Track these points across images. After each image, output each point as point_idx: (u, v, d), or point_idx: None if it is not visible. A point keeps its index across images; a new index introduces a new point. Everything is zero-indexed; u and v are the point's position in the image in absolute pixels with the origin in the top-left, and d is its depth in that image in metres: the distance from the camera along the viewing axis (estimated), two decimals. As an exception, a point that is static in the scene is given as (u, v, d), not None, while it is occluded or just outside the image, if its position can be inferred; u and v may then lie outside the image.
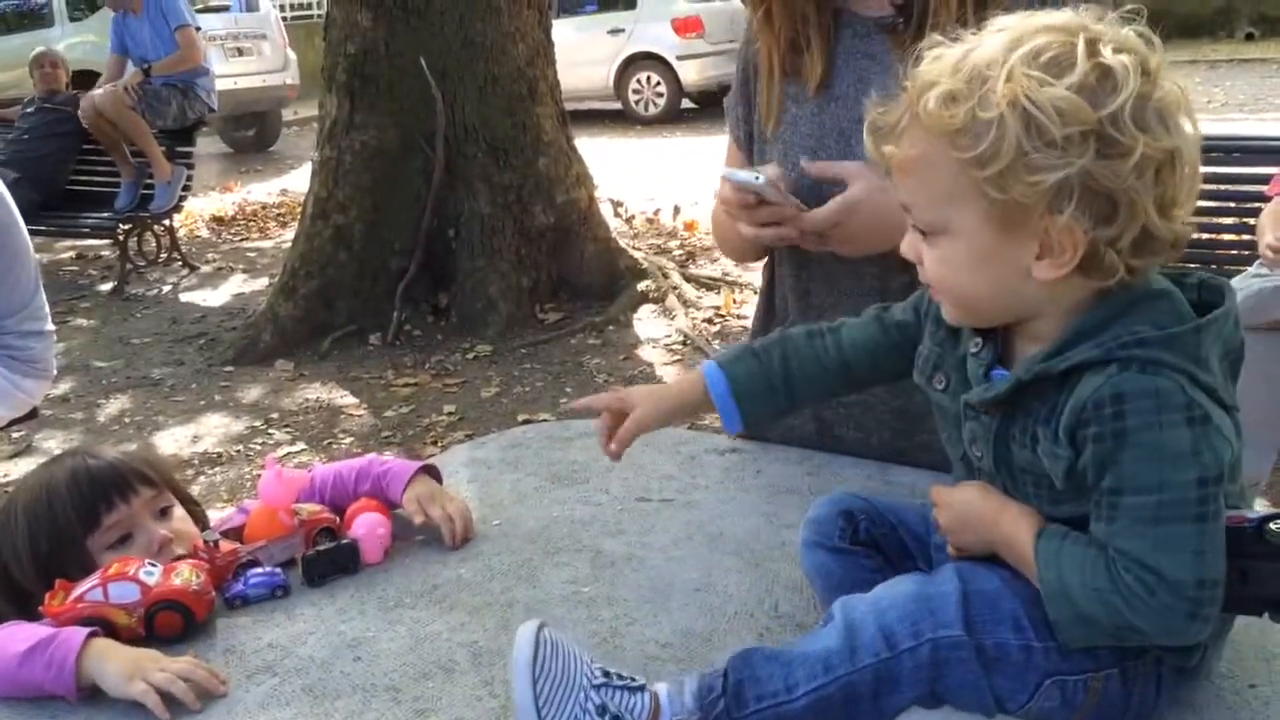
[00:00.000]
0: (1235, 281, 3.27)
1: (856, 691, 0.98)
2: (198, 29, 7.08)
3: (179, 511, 1.53)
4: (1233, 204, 3.88)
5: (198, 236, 8.32)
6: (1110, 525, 0.94)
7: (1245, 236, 3.64)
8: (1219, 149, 3.80)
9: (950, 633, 0.98)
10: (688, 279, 6.09)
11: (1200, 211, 3.84)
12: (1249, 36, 15.24)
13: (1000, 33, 0.96)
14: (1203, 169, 0.98)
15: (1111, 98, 0.90)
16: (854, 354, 1.26)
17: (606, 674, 1.03)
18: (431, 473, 1.60)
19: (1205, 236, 3.90)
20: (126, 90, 6.61)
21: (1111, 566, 0.93)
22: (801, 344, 1.28)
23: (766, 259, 1.72)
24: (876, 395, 1.59)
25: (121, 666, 1.20)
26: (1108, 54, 0.92)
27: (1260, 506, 1.04)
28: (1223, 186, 3.85)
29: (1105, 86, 0.91)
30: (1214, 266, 3.67)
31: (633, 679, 1.04)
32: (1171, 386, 0.92)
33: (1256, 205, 3.46)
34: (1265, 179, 3.53)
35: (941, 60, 0.97)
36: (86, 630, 1.23)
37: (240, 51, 11.28)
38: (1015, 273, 0.97)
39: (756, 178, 1.41)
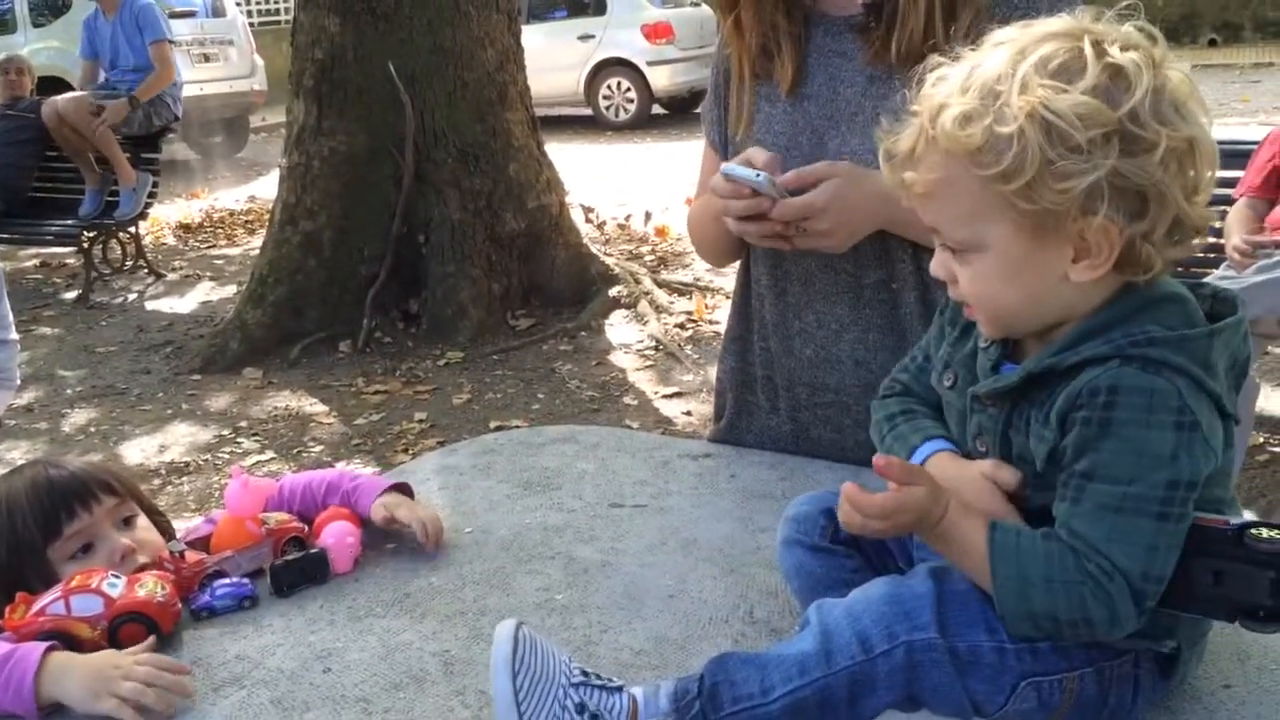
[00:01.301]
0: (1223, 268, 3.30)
1: (832, 695, 0.98)
2: (172, 42, 7.00)
3: (143, 521, 1.50)
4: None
5: (164, 244, 8.23)
6: (1073, 506, 0.96)
7: (1211, 239, 3.67)
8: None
9: (924, 635, 0.98)
10: (659, 284, 6.09)
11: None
12: (1211, 43, 15.44)
13: (1002, 46, 0.97)
14: None
15: (1127, 96, 0.91)
16: None
17: (585, 673, 1.03)
18: (403, 490, 1.57)
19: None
20: (95, 113, 6.50)
21: (1078, 557, 0.94)
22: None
23: (741, 261, 1.72)
24: (851, 395, 1.59)
25: (85, 682, 1.17)
26: (1116, 53, 0.93)
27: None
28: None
29: (1119, 85, 0.92)
30: (1180, 269, 3.69)
31: (610, 680, 1.03)
32: (1169, 389, 0.93)
33: (1222, 208, 3.50)
34: (1230, 182, 3.57)
35: (947, 80, 0.98)
36: (43, 646, 1.20)
37: (206, 57, 11.18)
38: (1051, 278, 0.98)
39: (756, 175, 1.41)
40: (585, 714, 0.98)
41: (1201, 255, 3.78)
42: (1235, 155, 3.72)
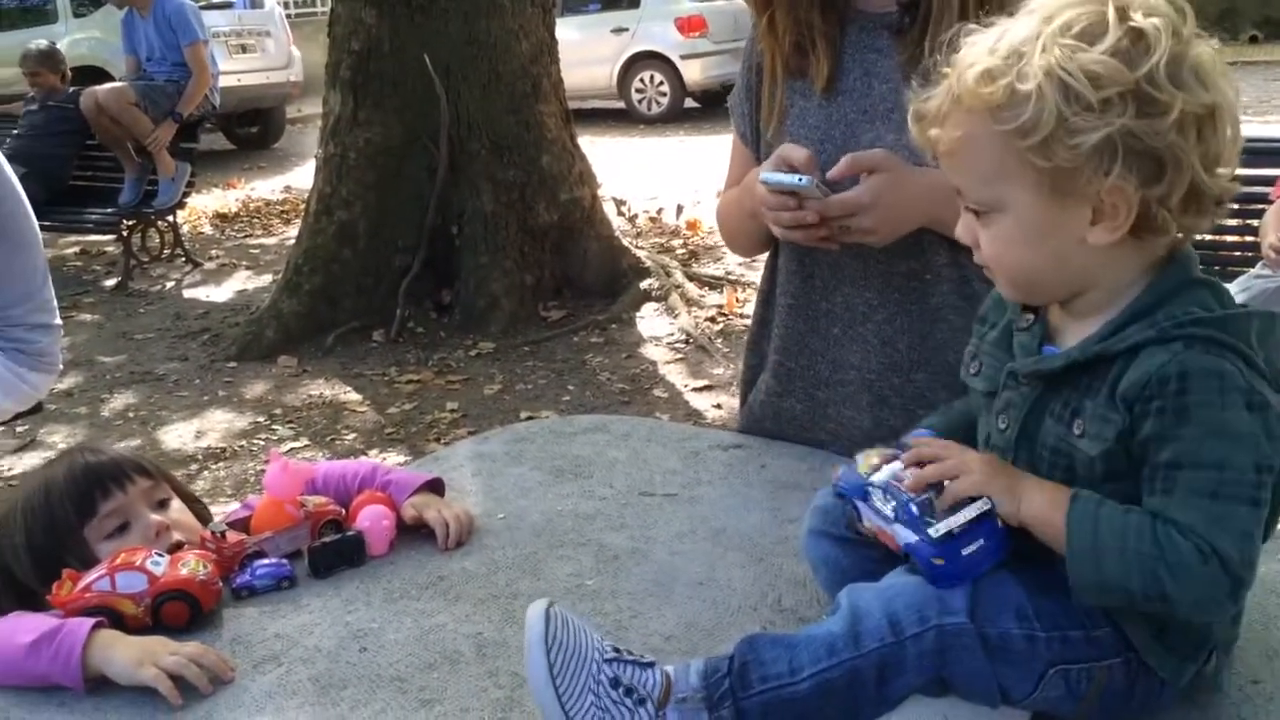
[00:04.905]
0: (1238, 282, 3.28)
1: (861, 676, 0.99)
2: (206, 41, 7.07)
3: (176, 504, 1.54)
4: (1236, 205, 3.85)
5: (201, 233, 8.32)
6: (1166, 498, 0.95)
7: (1248, 238, 3.64)
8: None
9: (955, 620, 0.99)
10: (690, 278, 6.09)
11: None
12: (1253, 39, 15.23)
13: (1032, 13, 0.99)
14: None
15: (1146, 58, 0.93)
16: None
17: (616, 649, 1.04)
18: (436, 487, 1.59)
19: (1208, 238, 3.90)
20: (134, 103, 6.61)
21: (1159, 532, 0.93)
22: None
23: (770, 250, 1.73)
24: (874, 372, 1.59)
25: (130, 654, 1.20)
26: (1139, 18, 0.94)
27: None
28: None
29: (1139, 48, 0.93)
30: (1217, 268, 3.67)
31: (642, 656, 1.05)
32: (1233, 370, 0.94)
33: (1260, 207, 3.47)
34: (1269, 180, 3.54)
35: (978, 44, 1.01)
36: (92, 621, 1.24)
37: (244, 48, 11.27)
38: (1070, 242, 1.00)
39: (799, 179, 1.41)
40: (620, 688, 1.00)
41: (1238, 255, 3.75)
42: (1276, 153, 3.69)
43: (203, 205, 8.90)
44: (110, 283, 7.00)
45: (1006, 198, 1.01)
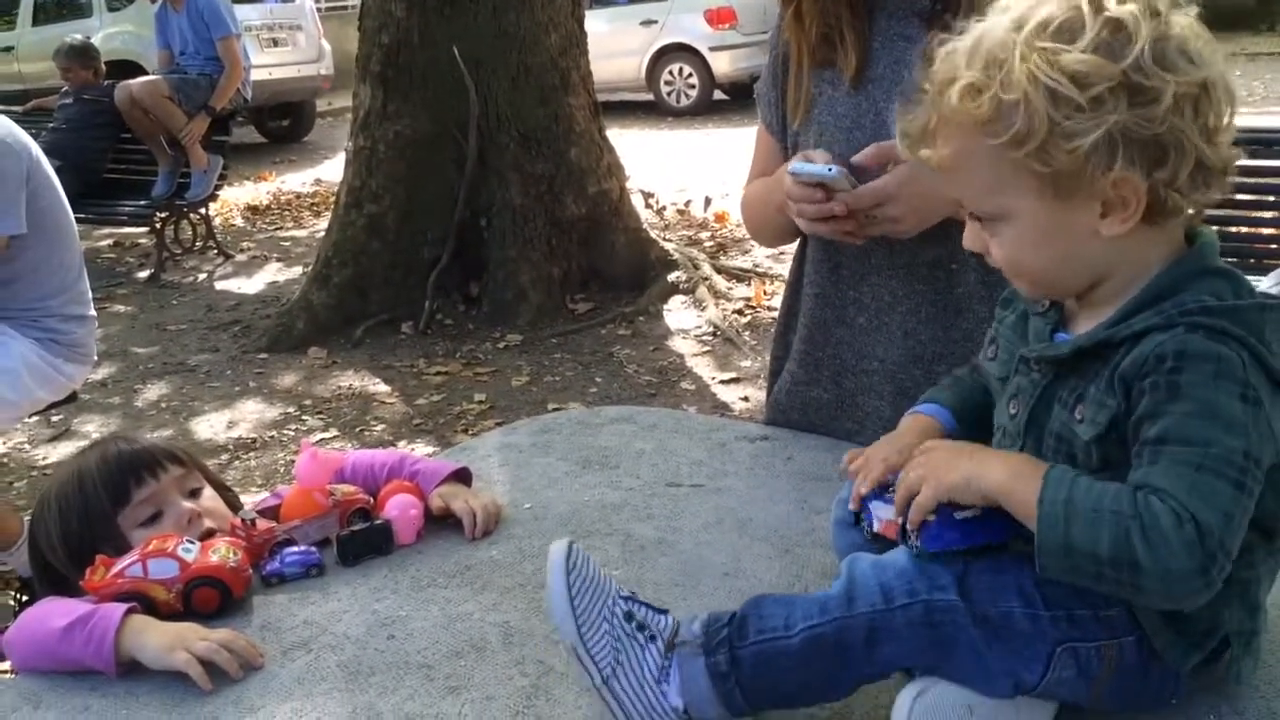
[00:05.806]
0: (1274, 275, 3.24)
1: (849, 636, 1.01)
2: (238, 35, 7.12)
3: (208, 492, 1.56)
4: (1272, 198, 3.83)
5: (233, 225, 8.39)
6: (1150, 468, 0.92)
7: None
8: (1259, 142, 3.75)
9: (944, 596, 0.99)
10: (718, 270, 6.08)
11: (1239, 205, 3.81)
12: (1292, 29, 14.98)
13: (1004, 12, 0.97)
14: (1242, 162, 0.99)
15: (1129, 48, 0.91)
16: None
17: (633, 593, 1.08)
18: (463, 477, 1.60)
19: (1244, 230, 3.86)
20: (169, 97, 6.67)
21: (1138, 497, 0.90)
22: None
23: (799, 239, 1.72)
24: (897, 364, 1.60)
25: (162, 639, 1.22)
26: (1113, 6, 0.93)
27: None
28: (1262, 180, 3.80)
29: (1120, 38, 0.92)
30: (1253, 261, 3.62)
31: (654, 603, 1.08)
32: (1234, 358, 0.92)
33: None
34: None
35: (955, 54, 0.99)
36: (124, 606, 1.25)
37: (275, 42, 11.34)
38: (1082, 238, 0.98)
39: (828, 169, 1.41)
40: (633, 622, 1.04)
41: (1274, 247, 3.71)
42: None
43: (234, 198, 8.97)
44: (143, 274, 7.07)
45: (1010, 207, 1.00)
